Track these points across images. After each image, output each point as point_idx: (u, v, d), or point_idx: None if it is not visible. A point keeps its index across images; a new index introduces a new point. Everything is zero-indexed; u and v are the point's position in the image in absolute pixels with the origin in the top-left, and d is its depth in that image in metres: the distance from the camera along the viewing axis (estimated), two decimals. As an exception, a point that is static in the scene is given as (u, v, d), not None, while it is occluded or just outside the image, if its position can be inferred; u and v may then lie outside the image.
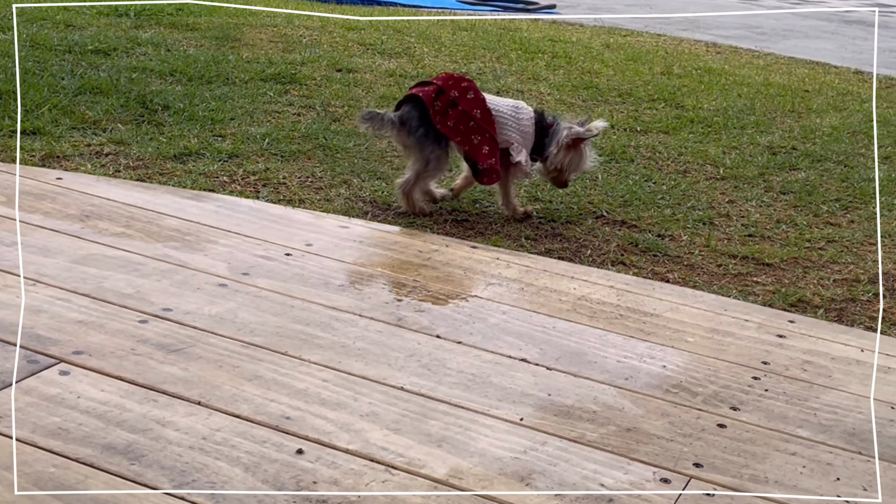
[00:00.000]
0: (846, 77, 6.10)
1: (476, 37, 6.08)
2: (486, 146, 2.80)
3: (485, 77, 4.83)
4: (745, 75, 5.70)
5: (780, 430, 1.78)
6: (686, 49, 6.75)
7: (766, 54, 6.87)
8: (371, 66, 4.80)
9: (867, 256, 2.85)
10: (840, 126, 4.45)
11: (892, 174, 3.71)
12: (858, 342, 2.18)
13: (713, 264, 2.69)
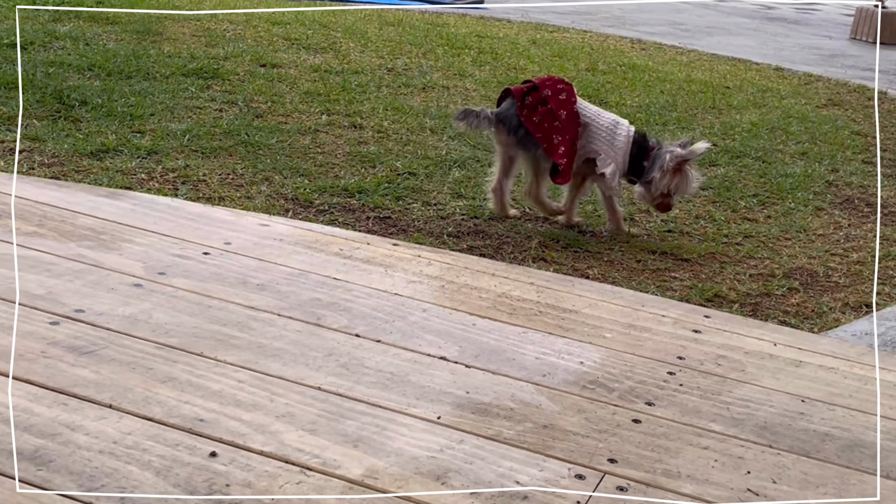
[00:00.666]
0: (767, 74, 6.22)
1: (403, 32, 6.07)
2: (563, 147, 2.81)
3: (410, 73, 4.83)
4: (669, 72, 5.77)
5: (694, 425, 1.80)
6: (612, 45, 6.82)
7: (690, 51, 6.97)
8: (296, 61, 4.76)
9: (783, 251, 2.91)
10: (759, 122, 4.54)
11: (808, 170, 3.80)
12: (772, 336, 2.23)
13: (633, 260, 2.72)
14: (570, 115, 2.83)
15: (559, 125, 2.80)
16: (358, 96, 4.18)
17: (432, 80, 4.70)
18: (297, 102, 3.94)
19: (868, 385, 2.02)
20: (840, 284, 2.68)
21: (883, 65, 6.96)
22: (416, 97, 4.32)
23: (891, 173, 3.87)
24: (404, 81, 4.60)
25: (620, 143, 2.87)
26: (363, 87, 4.38)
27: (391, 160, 3.33)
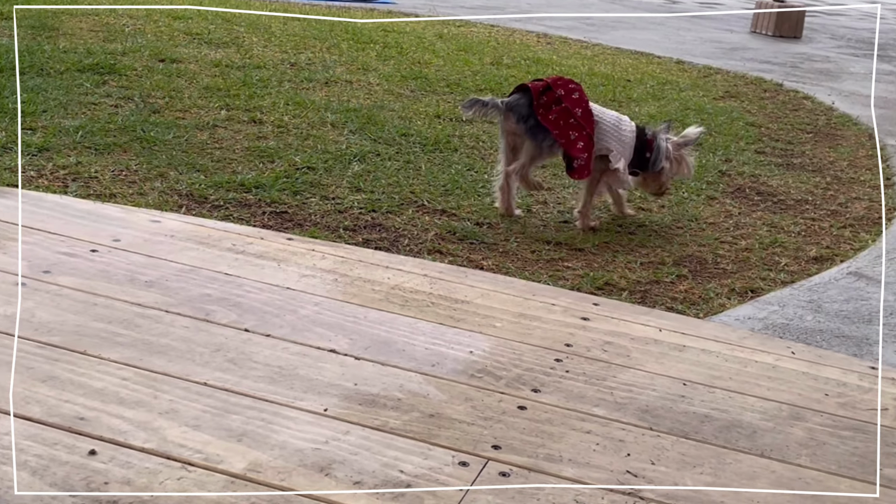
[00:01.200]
0: (668, 67, 6.34)
1: (308, 26, 6.04)
2: (581, 142, 2.92)
3: (314, 68, 4.81)
4: (572, 65, 5.85)
5: (578, 410, 1.84)
6: (518, 40, 6.88)
7: (595, 45, 7.07)
8: (196, 56, 4.71)
9: (674, 239, 2.98)
10: (657, 114, 4.62)
11: (702, 160, 3.88)
12: (658, 322, 2.28)
13: (528, 251, 2.76)
14: (586, 112, 2.95)
15: (574, 122, 2.92)
16: (259, 91, 4.15)
17: (335, 75, 4.69)
18: (195, 98, 3.90)
19: (748, 367, 2.08)
20: (727, 271, 2.75)
21: (780, 57, 7.14)
22: (318, 92, 4.31)
23: (781, 162, 3.98)
24: (307, 76, 4.58)
25: (627, 138, 3.00)
26: (265, 81, 4.36)
27: (290, 155, 3.32)
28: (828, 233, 3.15)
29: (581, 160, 2.92)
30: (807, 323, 2.39)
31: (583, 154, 2.91)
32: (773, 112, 5.00)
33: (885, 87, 6.08)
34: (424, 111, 4.16)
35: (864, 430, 1.86)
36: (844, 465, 1.73)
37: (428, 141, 3.69)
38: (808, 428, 1.85)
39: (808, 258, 2.90)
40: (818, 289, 2.63)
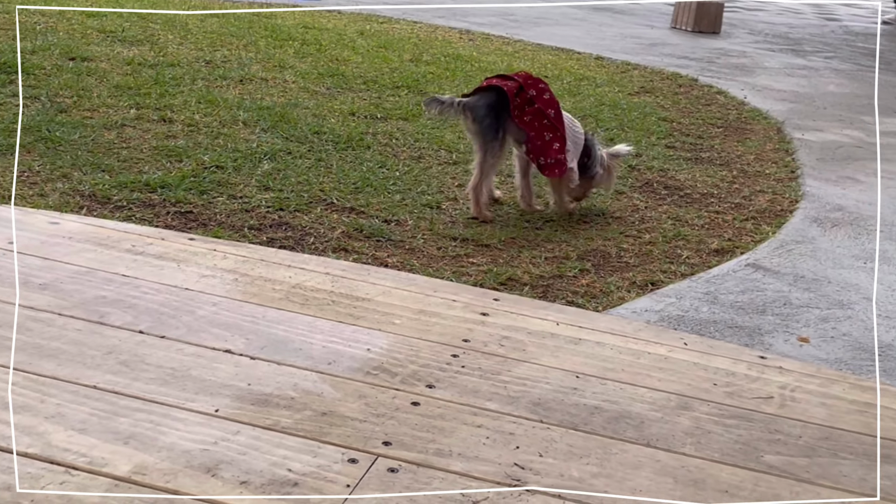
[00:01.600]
0: (587, 63, 6.41)
1: (225, 23, 6.00)
2: (556, 143, 3.04)
3: (229, 65, 4.78)
4: (492, 62, 5.89)
5: (471, 405, 1.87)
6: (440, 36, 6.91)
7: (516, 41, 7.12)
8: (109, 54, 4.65)
9: (580, 234, 3.03)
10: (572, 110, 4.68)
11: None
12: (556, 316, 2.32)
13: (434, 247, 2.78)
14: (558, 113, 3.07)
15: (548, 123, 3.03)
16: (171, 90, 4.12)
17: (250, 73, 4.66)
18: (105, 97, 3.85)
19: (640, 359, 2.12)
20: (630, 265, 2.81)
21: (698, 52, 7.26)
22: (232, 90, 4.28)
23: (690, 157, 4.06)
24: (221, 74, 4.55)
25: (580, 139, 3.13)
26: (177, 80, 4.32)
27: (199, 154, 3.30)
28: (731, 225, 3.23)
29: (556, 158, 3.05)
30: (702, 314, 2.45)
31: (559, 155, 3.05)
32: (687, 107, 5.09)
33: (797, 80, 6.22)
34: (339, 109, 4.16)
35: (749, 418, 1.91)
36: (727, 453, 1.78)
37: (341, 139, 3.69)
38: (694, 417, 1.90)
39: (709, 251, 2.97)
40: (716, 280, 2.69)
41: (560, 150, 3.05)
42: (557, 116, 3.05)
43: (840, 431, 1.89)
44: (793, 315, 2.50)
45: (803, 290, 2.67)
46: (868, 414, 1.97)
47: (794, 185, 3.73)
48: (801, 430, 1.88)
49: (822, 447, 1.82)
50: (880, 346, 2.38)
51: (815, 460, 1.77)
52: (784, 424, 1.89)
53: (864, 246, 3.09)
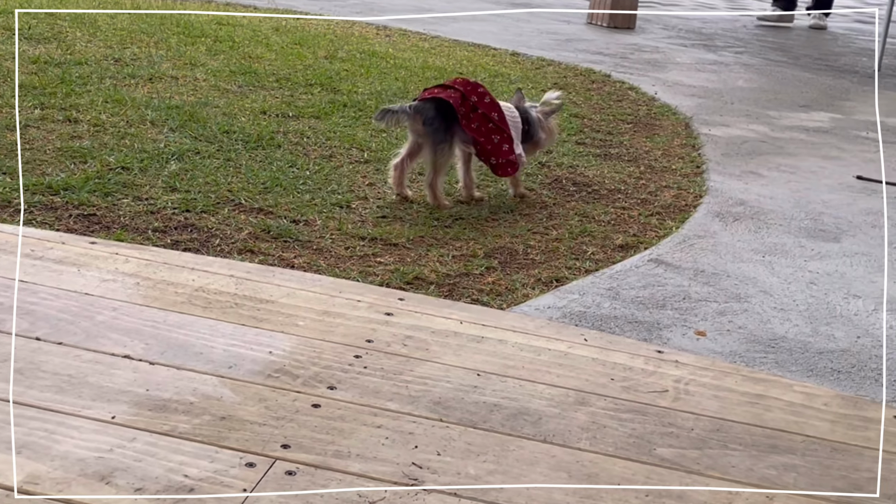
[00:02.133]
0: (502, 59, 6.46)
1: (136, 20, 5.91)
2: (505, 144, 3.23)
3: (139, 63, 4.72)
4: (407, 58, 5.90)
5: (371, 405, 1.88)
6: (357, 32, 6.89)
7: (433, 37, 7.13)
8: (13, 52, 4.55)
9: (488, 232, 3.06)
10: (485, 107, 4.71)
11: (524, 152, 3.98)
12: (460, 315, 2.35)
13: (342, 247, 2.79)
14: (500, 114, 3.23)
15: (493, 126, 3.20)
16: (77, 89, 4.05)
17: (160, 71, 4.60)
18: (8, 96, 3.78)
19: (541, 356, 2.16)
20: (536, 261, 2.85)
21: (612, 48, 7.36)
22: (140, 89, 4.23)
23: (600, 153, 4.12)
24: (130, 72, 4.49)
25: (518, 122, 3.31)
26: (84, 78, 4.25)
27: (104, 155, 3.26)
28: (636, 221, 3.29)
29: (508, 158, 3.23)
30: (603, 310, 2.50)
31: (510, 155, 3.23)
32: (598, 103, 5.16)
33: (706, 76, 6.34)
34: (250, 107, 4.14)
35: (644, 412, 1.96)
36: (622, 447, 1.82)
37: (251, 138, 3.67)
38: (591, 412, 1.94)
39: (614, 246, 3.02)
40: (619, 276, 2.75)
41: (510, 151, 3.24)
42: (501, 118, 3.23)
43: (731, 423, 1.95)
44: (691, 309, 2.56)
45: (703, 285, 2.74)
46: (758, 405, 2.03)
47: (699, 181, 3.81)
48: (694, 423, 1.93)
49: (713, 439, 1.88)
50: (774, 337, 2.46)
51: (705, 452, 1.83)
52: (677, 417, 1.95)
53: (763, 240, 3.18)
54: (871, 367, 2.34)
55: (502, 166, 3.26)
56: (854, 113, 5.50)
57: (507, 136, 3.24)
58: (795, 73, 6.70)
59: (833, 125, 5.11)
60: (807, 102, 5.69)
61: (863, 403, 2.09)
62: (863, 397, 2.17)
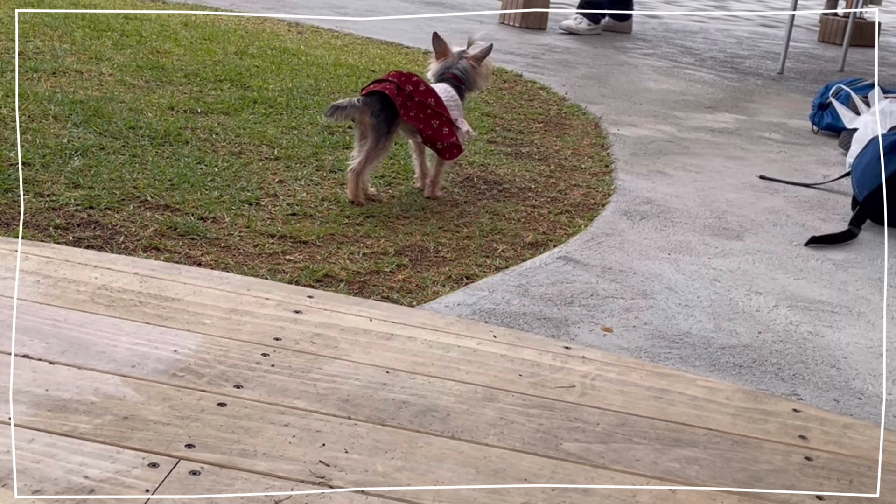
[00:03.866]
0: (415, 57, 6.46)
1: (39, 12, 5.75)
2: (445, 128, 3.27)
3: (42, 57, 4.60)
4: (319, 55, 5.86)
5: (279, 404, 1.87)
6: (269, 28, 6.82)
7: (346, 34, 7.10)
8: None
9: (399, 229, 3.06)
10: (397, 105, 4.71)
11: (436, 150, 3.99)
12: (370, 312, 2.34)
13: (250, 245, 2.76)
14: (437, 99, 3.27)
15: (431, 112, 3.24)
16: (-24, 82, 3.93)
17: (64, 65, 4.49)
18: None
19: (450, 353, 2.17)
20: (447, 259, 2.85)
21: (524, 48, 7.42)
22: (44, 83, 4.12)
23: (511, 152, 4.15)
24: (33, 66, 4.37)
25: (456, 98, 3.37)
26: (-16, 71, 4.13)
27: (4, 150, 3.17)
28: (546, 219, 3.32)
29: (449, 141, 3.29)
30: (512, 307, 2.52)
31: (451, 138, 3.28)
32: (510, 102, 5.20)
33: (616, 77, 6.44)
34: (157, 103, 4.07)
35: (551, 407, 1.98)
36: (529, 442, 1.84)
37: (158, 134, 3.61)
38: (499, 408, 1.95)
39: (524, 244, 3.05)
40: (528, 273, 2.77)
41: (451, 133, 3.30)
42: (438, 102, 3.28)
43: (635, 417, 1.98)
44: (598, 306, 2.60)
45: (610, 282, 2.78)
46: (662, 400, 2.07)
47: (608, 180, 3.87)
48: (599, 418, 1.96)
49: (618, 433, 1.91)
50: (678, 333, 2.50)
51: (610, 446, 1.85)
52: (583, 412, 1.97)
53: (669, 238, 3.24)
54: (771, 362, 2.41)
55: (448, 149, 3.31)
56: (758, 114, 5.65)
57: (447, 119, 3.29)
58: (702, 75, 6.84)
59: (738, 126, 5.23)
60: (712, 104, 5.81)
61: (763, 397, 2.14)
62: (763, 391, 2.23)
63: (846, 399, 2.27)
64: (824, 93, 5.19)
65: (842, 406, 2.23)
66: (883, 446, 1.95)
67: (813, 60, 8.15)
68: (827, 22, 9.46)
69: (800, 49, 8.68)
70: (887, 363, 2.50)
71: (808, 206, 3.84)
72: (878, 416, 2.21)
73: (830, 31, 9.31)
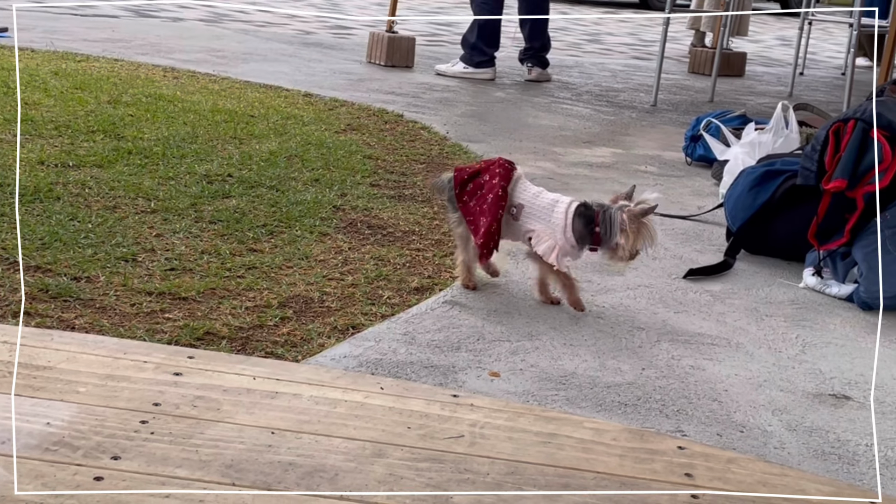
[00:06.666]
0: (294, 100, 6.42)
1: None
2: (482, 228, 2.89)
3: None
4: (196, 101, 5.77)
5: (159, 474, 1.80)
6: (143, 74, 6.70)
7: (223, 78, 7.02)
8: None
9: (282, 280, 3.01)
10: (277, 150, 4.67)
11: (318, 196, 3.96)
12: (253, 370, 2.29)
13: (127, 304, 2.68)
14: (496, 197, 2.91)
15: (486, 207, 2.93)
16: None
17: (-75, 120, 4.32)
18: None
19: (337, 408, 2.14)
20: (332, 309, 2.82)
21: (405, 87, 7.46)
22: None
23: (394, 194, 4.15)
24: None
25: (557, 219, 2.90)
26: None
27: None
28: (430, 262, 3.32)
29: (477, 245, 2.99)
30: (399, 356, 2.50)
31: (479, 240, 2.96)
32: (392, 143, 5.21)
33: (493, 115, 6.52)
34: (26, 158, 3.94)
35: (441, 459, 1.97)
36: (419, 498, 1.82)
37: (27, 190, 3.49)
38: (388, 464, 1.93)
39: (409, 289, 3.04)
40: (414, 320, 2.76)
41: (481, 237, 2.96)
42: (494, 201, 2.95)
43: (525, 465, 1.98)
44: (485, 350, 2.60)
45: (496, 324, 2.79)
46: (551, 444, 2.08)
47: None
48: (489, 467, 1.95)
49: (508, 482, 1.90)
50: (564, 374, 2.52)
51: (501, 497, 1.85)
52: (473, 462, 1.96)
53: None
54: (655, 399, 2.44)
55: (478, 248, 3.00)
56: (633, 147, 5.78)
57: (490, 221, 2.91)
58: (579, 110, 6.98)
59: (615, 160, 5.35)
60: (590, 138, 5.93)
61: (648, 436, 2.17)
62: (648, 429, 2.26)
63: (728, 433, 2.32)
64: (696, 125, 5.36)
65: (724, 440, 2.27)
66: (765, 479, 1.99)
67: (684, 91, 8.41)
68: (696, 53, 9.79)
69: (671, 80, 8.95)
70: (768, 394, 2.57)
71: (685, 238, 3.93)
72: (760, 448, 2.26)
73: (699, 63, 9.63)
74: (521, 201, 2.98)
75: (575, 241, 2.92)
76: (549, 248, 2.91)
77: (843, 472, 2.23)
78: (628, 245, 2.86)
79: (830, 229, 3.44)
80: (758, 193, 3.69)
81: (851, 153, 3.34)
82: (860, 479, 2.20)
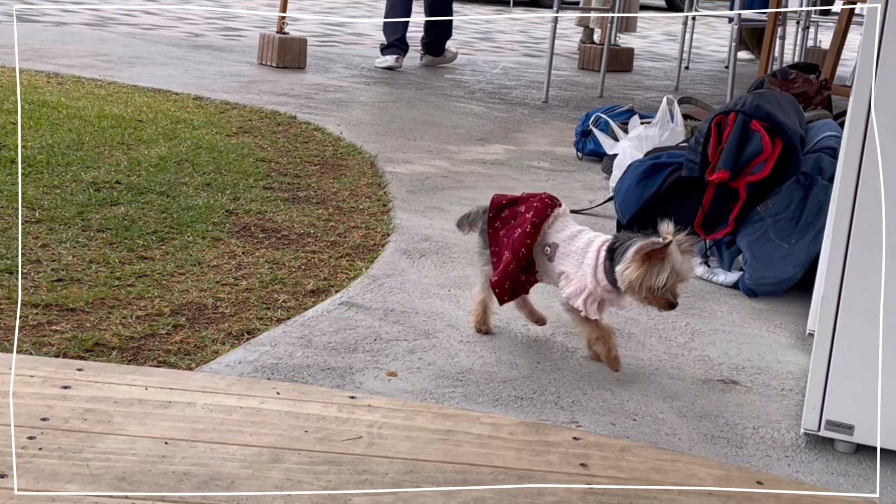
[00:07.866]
0: (184, 104, 6.31)
1: None
2: (500, 265, 2.64)
3: None
4: (81, 107, 5.63)
5: (48, 490, 1.76)
6: (25, 81, 6.50)
7: (110, 83, 6.86)
8: None
9: (174, 287, 2.96)
10: (167, 155, 4.59)
11: (210, 200, 3.90)
12: (145, 380, 2.25)
13: (11, 318, 2.60)
14: (524, 233, 2.63)
15: (512, 241, 2.66)
16: None
17: None
18: None
19: (232, 415, 2.11)
20: (226, 315, 2.79)
21: (297, 89, 7.41)
22: None
23: (288, 197, 4.12)
24: None
25: (589, 261, 2.57)
26: None
27: None
28: (326, 264, 3.31)
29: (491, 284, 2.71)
30: (296, 360, 2.48)
31: (494, 278, 2.69)
32: (285, 146, 5.16)
33: (390, 113, 6.52)
34: None
35: (339, 461, 1.97)
36: (317, 502, 1.81)
37: None
38: (285, 469, 1.92)
39: (305, 292, 3.02)
40: (310, 323, 2.74)
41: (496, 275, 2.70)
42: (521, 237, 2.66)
43: (423, 463, 1.99)
44: (382, 350, 2.60)
45: (393, 324, 2.79)
46: (449, 441, 2.09)
47: (386, 219, 3.90)
48: (388, 467, 1.96)
49: (407, 481, 1.91)
50: (461, 371, 2.54)
51: (399, 496, 1.85)
52: (371, 463, 1.97)
53: (448, 274, 3.29)
54: (550, 391, 2.48)
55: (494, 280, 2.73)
56: (526, 144, 5.85)
57: (511, 258, 2.64)
58: (472, 108, 7.03)
59: (508, 157, 5.40)
60: (483, 136, 5.98)
61: (544, 428, 2.20)
62: (544, 422, 2.29)
63: (622, 421, 2.37)
64: (585, 120, 5.45)
65: (618, 429, 2.32)
66: (658, 466, 2.04)
67: (574, 87, 8.54)
68: (585, 50, 9.95)
69: (562, 77, 9.08)
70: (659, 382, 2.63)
71: (578, 232, 3.99)
72: (653, 435, 2.32)
73: (589, 59, 9.79)
74: (556, 241, 2.64)
75: (609, 285, 2.56)
76: (575, 292, 2.59)
77: (731, 455, 2.30)
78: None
79: (715, 219, 3.54)
80: (645, 186, 3.77)
81: (733, 145, 3.45)
82: (748, 461, 2.27)
